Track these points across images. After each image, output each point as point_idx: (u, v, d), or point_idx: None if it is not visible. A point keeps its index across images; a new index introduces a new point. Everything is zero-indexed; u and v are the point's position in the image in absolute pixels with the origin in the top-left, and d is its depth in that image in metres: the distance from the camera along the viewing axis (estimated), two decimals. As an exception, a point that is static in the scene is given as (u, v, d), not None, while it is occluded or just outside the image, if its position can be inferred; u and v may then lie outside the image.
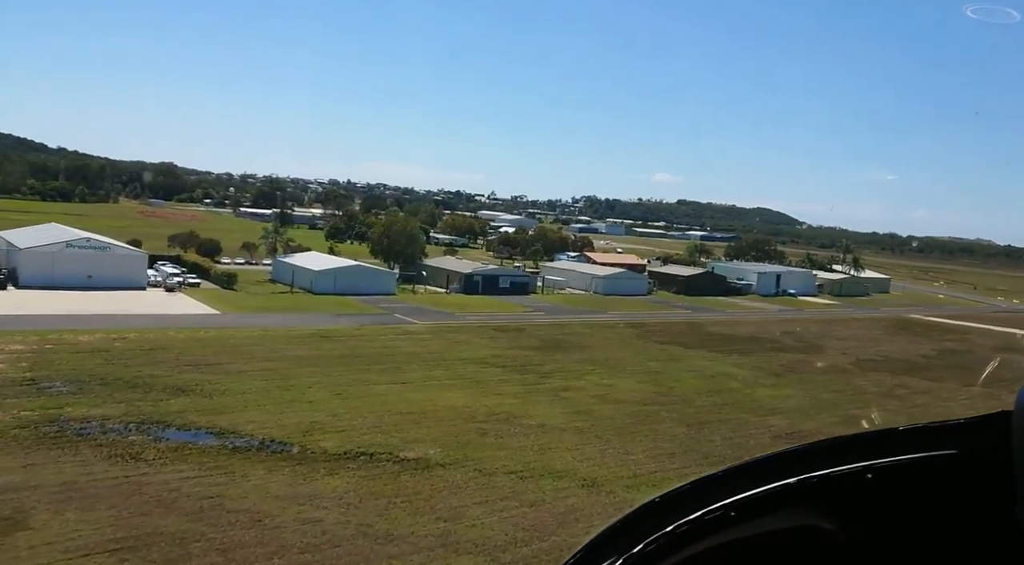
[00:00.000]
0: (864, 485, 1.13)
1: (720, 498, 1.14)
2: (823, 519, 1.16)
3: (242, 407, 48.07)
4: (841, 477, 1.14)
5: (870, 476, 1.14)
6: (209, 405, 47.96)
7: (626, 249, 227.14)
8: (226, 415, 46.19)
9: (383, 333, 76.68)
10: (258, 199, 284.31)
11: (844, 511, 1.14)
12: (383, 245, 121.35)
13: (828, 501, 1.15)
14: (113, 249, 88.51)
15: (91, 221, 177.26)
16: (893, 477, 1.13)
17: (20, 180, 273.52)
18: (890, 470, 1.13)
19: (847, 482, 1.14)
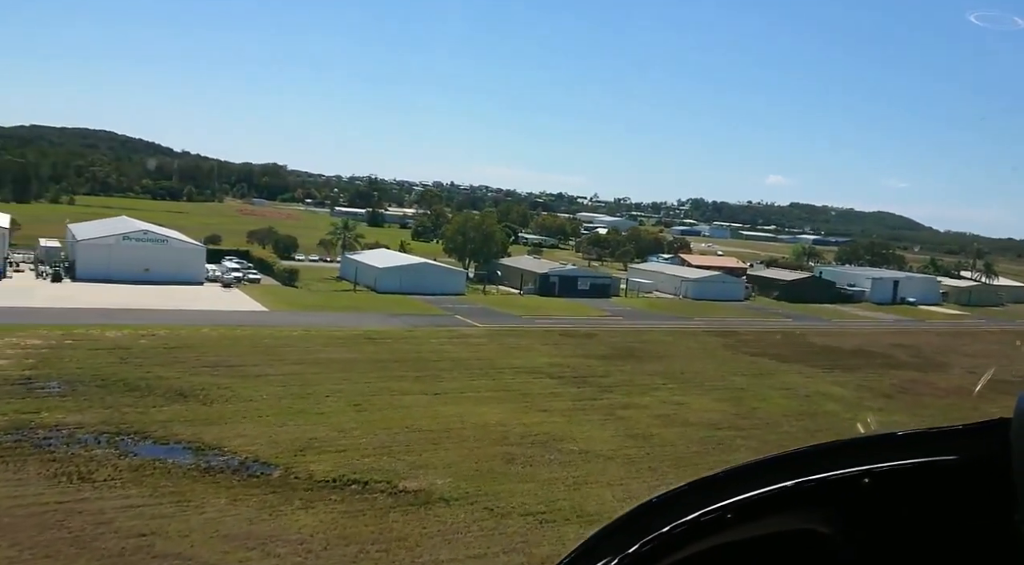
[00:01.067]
0: (862, 489, 1.12)
1: (717, 500, 1.14)
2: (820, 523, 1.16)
3: (239, 418, 42.24)
4: (839, 481, 1.13)
5: (868, 480, 1.13)
6: (203, 414, 42.38)
7: (728, 252, 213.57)
8: (216, 427, 40.42)
9: (434, 336, 70.08)
10: (355, 199, 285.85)
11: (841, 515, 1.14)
12: (457, 243, 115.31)
13: (825, 505, 1.14)
14: (170, 242, 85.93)
15: (187, 218, 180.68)
16: (891, 482, 1.13)
17: (136, 180, 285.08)
18: (888, 475, 1.13)
19: (845, 486, 1.13)
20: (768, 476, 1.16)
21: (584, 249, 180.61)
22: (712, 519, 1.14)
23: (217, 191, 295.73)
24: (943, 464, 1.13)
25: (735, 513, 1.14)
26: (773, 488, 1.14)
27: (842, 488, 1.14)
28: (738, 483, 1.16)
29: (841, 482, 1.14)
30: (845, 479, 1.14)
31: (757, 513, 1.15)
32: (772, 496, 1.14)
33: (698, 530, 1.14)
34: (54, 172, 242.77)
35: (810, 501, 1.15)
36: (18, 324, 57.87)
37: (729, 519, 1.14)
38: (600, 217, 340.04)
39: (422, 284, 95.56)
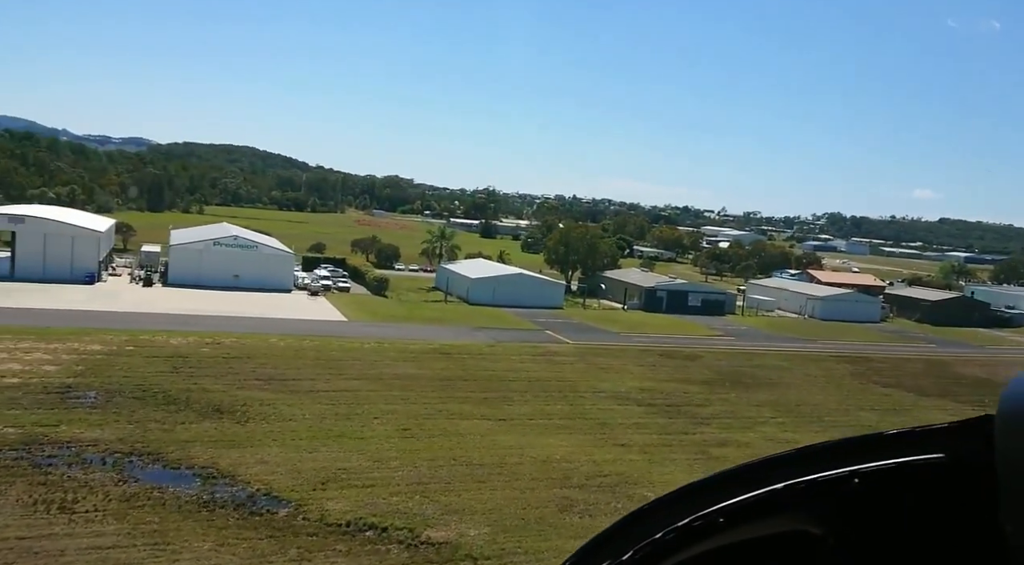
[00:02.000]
0: (851, 490, 1.14)
1: (708, 504, 1.15)
2: (811, 524, 1.17)
3: (269, 440, 37.74)
4: (828, 482, 1.15)
5: (857, 481, 1.14)
6: (232, 434, 38.19)
7: (865, 269, 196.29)
8: (239, 450, 36.02)
9: (516, 352, 64.14)
10: (471, 210, 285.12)
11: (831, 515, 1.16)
12: (559, 254, 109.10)
13: (815, 506, 1.16)
14: (260, 248, 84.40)
15: (304, 227, 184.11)
16: (880, 481, 1.14)
17: (266, 192, 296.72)
18: (876, 474, 1.14)
19: (834, 487, 1.15)
20: (759, 479, 1.16)
21: (702, 263, 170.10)
22: (704, 524, 1.14)
23: (340, 202, 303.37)
24: (930, 462, 1.14)
25: (727, 517, 1.14)
26: (763, 491, 1.15)
27: (831, 489, 1.14)
28: (729, 487, 1.17)
29: (830, 483, 1.14)
30: (834, 480, 1.14)
31: (748, 516, 1.15)
32: (763, 499, 1.15)
33: (691, 535, 1.14)
34: (191, 184, 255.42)
35: (800, 503, 1.15)
36: (88, 328, 56.48)
37: (721, 523, 1.14)
38: (726, 231, 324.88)
39: (517, 296, 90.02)
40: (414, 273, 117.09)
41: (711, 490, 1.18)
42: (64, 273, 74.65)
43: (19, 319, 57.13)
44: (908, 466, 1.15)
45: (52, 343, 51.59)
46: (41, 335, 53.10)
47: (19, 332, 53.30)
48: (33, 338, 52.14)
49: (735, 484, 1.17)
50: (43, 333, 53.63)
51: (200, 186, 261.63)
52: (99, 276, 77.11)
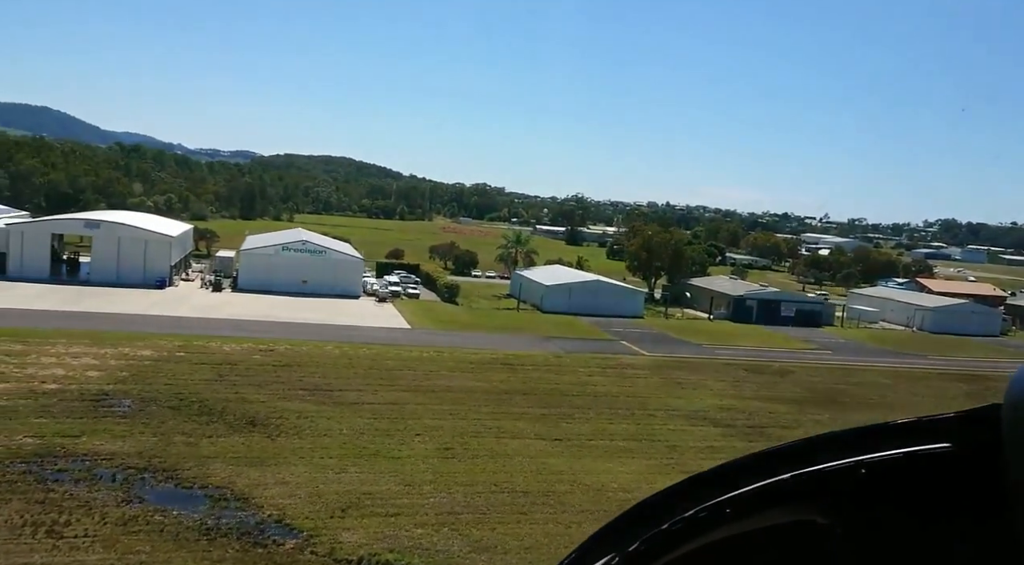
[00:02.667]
0: (858, 480, 1.14)
1: (715, 496, 1.15)
2: (818, 514, 1.17)
3: (296, 458, 34.69)
4: (834, 472, 1.15)
5: (864, 471, 1.14)
6: (259, 450, 35.34)
7: (983, 279, 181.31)
8: (262, 468, 33.06)
9: (585, 364, 59.60)
10: (558, 218, 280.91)
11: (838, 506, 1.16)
12: (641, 260, 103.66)
13: (822, 496, 1.16)
14: (328, 254, 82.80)
15: (387, 234, 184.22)
16: (886, 471, 1.15)
17: (356, 200, 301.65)
18: (883, 465, 1.15)
19: (840, 477, 1.15)
20: (765, 470, 1.15)
21: (800, 271, 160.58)
22: (710, 515, 1.13)
23: (428, 210, 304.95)
24: (937, 452, 1.14)
25: (733, 508, 1.13)
26: (770, 481, 1.14)
27: (838, 479, 1.14)
28: (735, 478, 1.16)
29: (837, 473, 1.14)
30: (841, 470, 1.14)
31: (755, 507, 1.14)
32: (769, 490, 1.14)
33: (697, 526, 1.13)
34: (285, 193, 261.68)
35: (807, 493, 1.15)
36: (145, 333, 55.41)
37: (727, 514, 1.13)
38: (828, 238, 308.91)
39: (593, 304, 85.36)
40: (490, 280, 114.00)
41: (718, 481, 1.16)
42: (137, 277, 74.84)
43: (80, 323, 56.69)
44: (915, 456, 1.14)
45: (104, 348, 50.52)
46: (96, 340, 52.20)
47: (75, 336, 52.58)
48: (87, 343, 51.25)
49: (742, 475, 1.16)
50: (98, 337, 52.74)
51: (293, 195, 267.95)
52: (170, 281, 77.03)
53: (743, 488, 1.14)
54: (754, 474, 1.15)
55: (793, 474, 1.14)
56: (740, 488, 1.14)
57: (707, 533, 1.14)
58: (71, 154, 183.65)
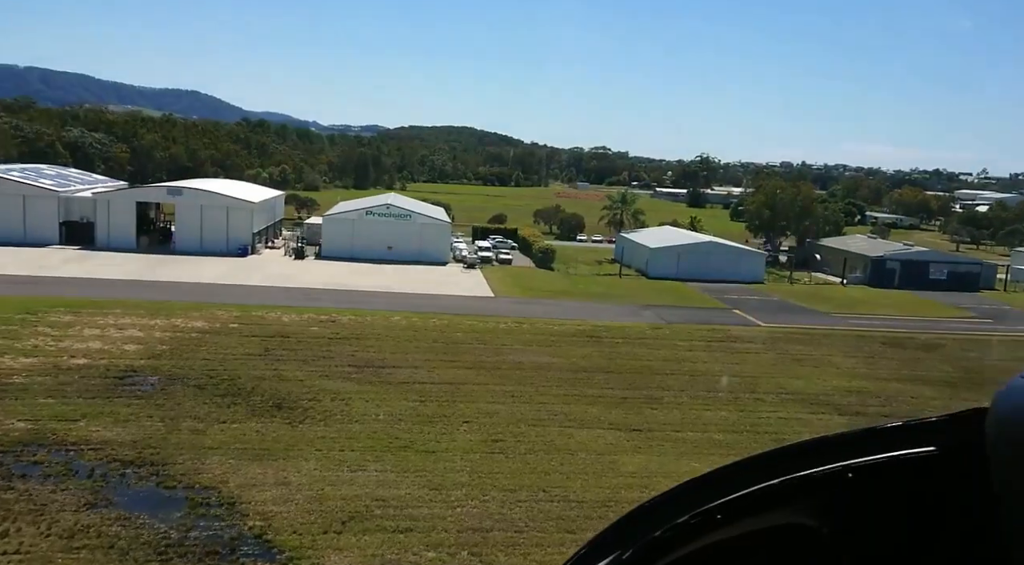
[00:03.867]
0: (845, 483, 1.16)
1: (706, 502, 1.16)
2: (807, 517, 1.19)
3: (312, 450, 29.23)
4: (823, 477, 1.16)
5: (851, 475, 1.16)
6: (272, 439, 30.16)
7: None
8: (265, 463, 27.79)
9: (686, 337, 51.50)
10: (681, 179, 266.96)
11: (826, 509, 1.18)
12: (763, 219, 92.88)
13: (811, 500, 1.18)
14: (414, 217, 77.60)
15: (497, 200, 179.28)
16: (874, 475, 1.16)
17: (473, 168, 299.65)
18: (870, 468, 1.16)
19: (829, 481, 1.16)
20: (755, 475, 1.17)
21: (953, 230, 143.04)
22: (702, 520, 1.14)
23: (545, 176, 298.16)
24: (922, 456, 1.15)
25: (724, 513, 1.15)
26: (760, 486, 1.15)
27: (827, 483, 1.16)
28: (727, 483, 1.17)
29: (825, 478, 1.16)
30: (829, 475, 1.16)
31: (746, 511, 1.16)
32: (760, 494, 1.15)
33: (689, 531, 1.14)
34: (401, 162, 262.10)
35: (796, 497, 1.16)
36: (206, 302, 51.98)
37: (719, 519, 1.15)
38: (986, 195, 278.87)
39: (706, 268, 76.29)
40: (596, 244, 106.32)
41: (708, 487, 1.17)
42: (220, 245, 72.44)
43: (144, 293, 53.97)
44: (901, 459, 1.15)
45: (156, 318, 47.22)
46: (152, 310, 49.07)
47: (132, 306, 49.67)
48: (141, 313, 48.15)
49: (731, 481, 1.17)
50: (155, 308, 49.61)
51: (409, 164, 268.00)
52: (253, 249, 74.26)
53: (733, 494, 1.15)
54: (743, 480, 1.16)
55: (782, 479, 1.15)
56: (730, 494, 1.15)
57: (699, 538, 1.14)
58: (192, 129, 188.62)
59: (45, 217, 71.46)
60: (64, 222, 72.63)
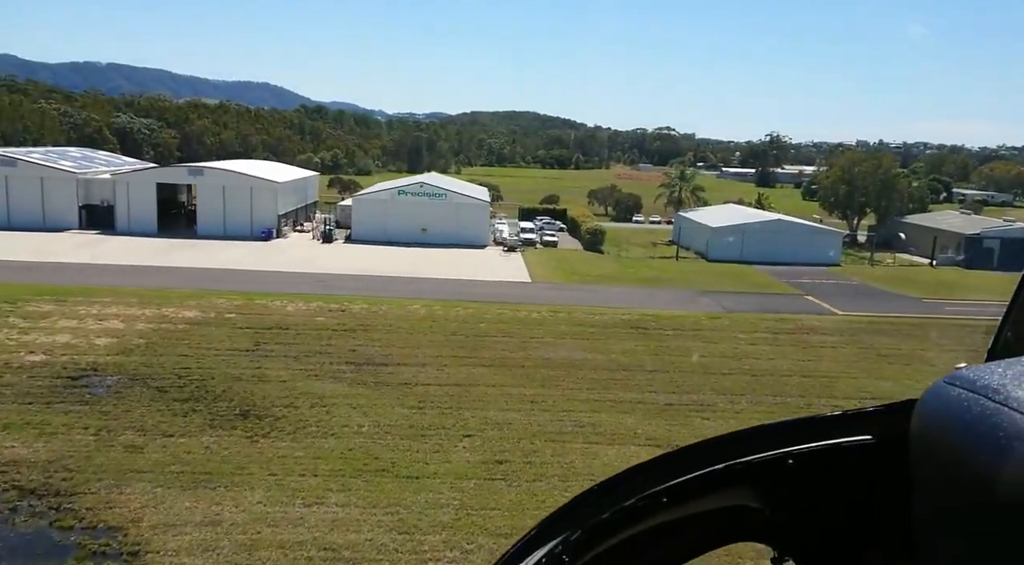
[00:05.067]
0: (786, 469, 1.21)
1: (652, 485, 1.20)
2: (750, 499, 1.24)
3: (265, 474, 23.39)
4: (764, 462, 1.21)
5: (791, 461, 1.21)
6: (223, 458, 24.44)
7: None
8: (199, 495, 22.01)
9: (749, 327, 44.11)
10: (749, 159, 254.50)
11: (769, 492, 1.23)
12: (839, 195, 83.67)
13: (753, 484, 1.23)
14: (450, 197, 71.42)
15: (554, 182, 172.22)
16: (812, 462, 1.22)
17: (532, 151, 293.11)
18: (809, 455, 1.22)
19: (770, 467, 1.21)
20: (700, 460, 1.21)
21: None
22: (648, 503, 1.18)
23: (606, 158, 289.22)
24: (859, 444, 1.21)
25: (670, 496, 1.18)
26: (705, 471, 1.19)
27: (768, 469, 1.21)
28: (672, 468, 1.20)
29: (767, 463, 1.20)
30: (770, 461, 1.20)
31: (690, 495, 1.20)
32: (704, 479, 1.19)
33: (635, 514, 1.18)
34: (458, 146, 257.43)
35: (739, 481, 1.21)
36: (208, 290, 47.07)
37: (664, 502, 1.18)
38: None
39: (773, 250, 68.23)
40: (654, 225, 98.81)
41: (655, 471, 1.21)
42: (243, 228, 67.86)
43: (147, 279, 49.37)
44: (839, 447, 1.21)
45: (146, 308, 42.35)
46: (145, 298, 44.28)
47: (125, 294, 44.98)
48: (131, 302, 43.38)
49: (677, 466, 1.21)
50: (150, 296, 44.83)
51: (467, 148, 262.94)
52: (279, 232, 69.42)
53: (678, 478, 1.18)
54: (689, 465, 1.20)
55: (726, 464, 1.19)
56: (675, 478, 1.18)
57: (645, 520, 1.18)
58: (245, 115, 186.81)
59: (63, 200, 68.00)
60: (84, 205, 69.10)
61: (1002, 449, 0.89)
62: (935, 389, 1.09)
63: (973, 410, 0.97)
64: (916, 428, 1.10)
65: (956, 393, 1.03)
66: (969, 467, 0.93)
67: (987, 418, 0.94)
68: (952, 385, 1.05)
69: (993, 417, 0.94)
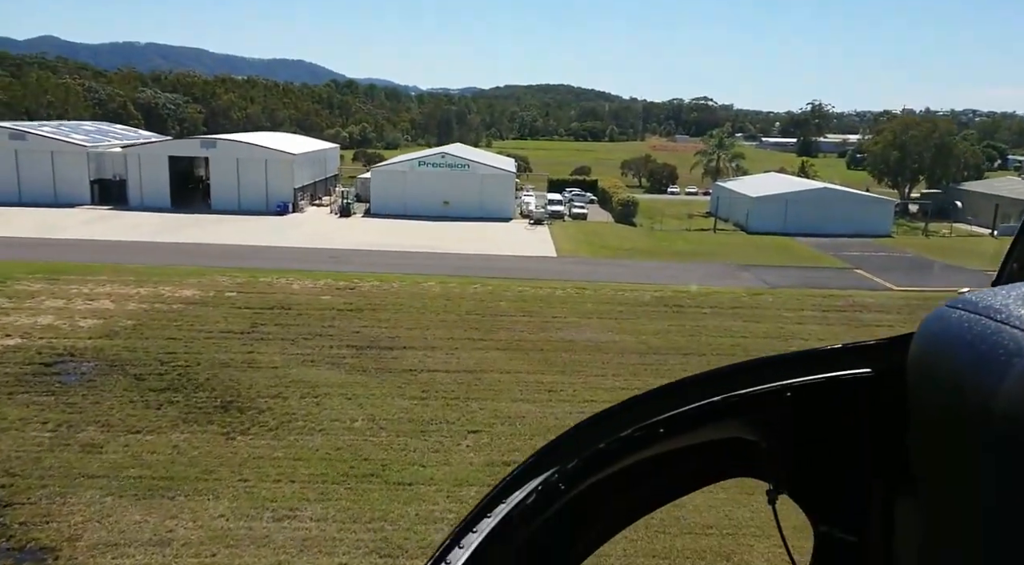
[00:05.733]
0: (784, 402, 1.21)
1: (649, 416, 1.20)
2: (746, 431, 1.24)
3: (235, 480, 20.31)
4: (762, 395, 1.21)
5: (789, 394, 1.21)
6: (188, 459, 21.39)
7: None
8: (155, 504, 18.98)
9: (796, 304, 40.06)
10: (789, 129, 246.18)
11: (765, 425, 1.23)
12: (890, 162, 78.18)
13: (750, 416, 1.23)
14: (473, 168, 67.70)
15: (585, 154, 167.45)
16: (811, 394, 1.21)
17: (565, 124, 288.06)
18: (808, 388, 1.21)
19: (768, 399, 1.21)
20: (697, 392, 1.21)
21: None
22: (644, 434, 1.18)
23: (641, 130, 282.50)
24: (858, 377, 1.20)
25: (667, 427, 1.18)
26: (702, 403, 1.20)
27: (765, 401, 1.20)
28: (669, 400, 1.21)
29: (764, 395, 1.20)
30: (768, 393, 1.20)
31: (687, 426, 1.19)
32: (701, 410, 1.19)
33: (631, 444, 1.18)
34: (490, 119, 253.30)
35: (736, 414, 1.21)
36: (213, 267, 44.30)
37: (661, 433, 1.19)
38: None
39: (819, 220, 63.62)
40: (690, 196, 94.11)
41: (652, 403, 1.21)
42: (258, 202, 65.08)
43: (150, 257, 46.75)
44: (837, 380, 1.20)
45: (141, 287, 39.64)
46: (143, 276, 41.62)
47: (123, 272, 42.40)
48: (128, 280, 40.75)
49: (675, 397, 1.21)
50: (148, 274, 42.16)
51: (498, 121, 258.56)
52: (295, 206, 66.49)
53: (676, 409, 1.18)
54: (687, 396, 1.19)
55: (723, 396, 1.19)
56: (673, 409, 1.18)
57: (641, 451, 1.18)
58: (272, 89, 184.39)
59: (75, 175, 65.75)
60: (96, 180, 66.79)
61: (1002, 366, 0.88)
62: (936, 313, 1.06)
63: (974, 330, 0.96)
64: (916, 351, 1.08)
65: (957, 315, 1.00)
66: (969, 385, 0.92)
67: (988, 337, 0.93)
68: (954, 308, 1.02)
69: (994, 336, 0.93)
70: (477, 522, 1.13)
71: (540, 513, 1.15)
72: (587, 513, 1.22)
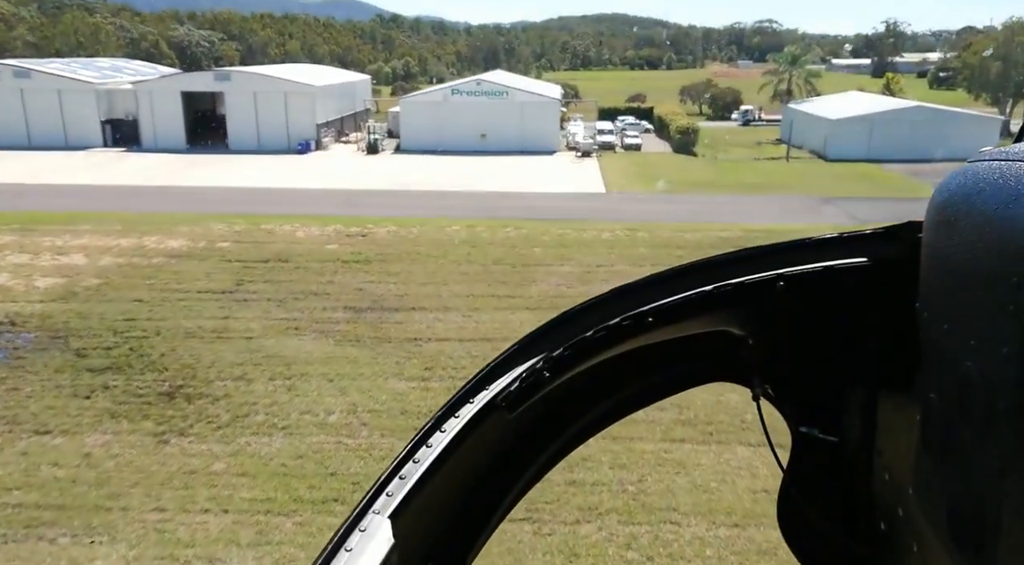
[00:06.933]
0: (776, 292, 1.17)
1: (638, 305, 1.16)
2: (735, 324, 1.21)
3: (148, 510, 14.85)
4: (754, 284, 1.17)
5: (781, 284, 1.18)
6: (97, 477, 16.07)
7: None
8: (22, 549, 13.60)
9: (896, 248, 32.67)
10: (862, 49, 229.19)
11: (756, 316, 1.19)
12: (989, 76, 68.15)
13: (741, 307, 1.19)
14: (512, 94, 60.51)
15: (643, 83, 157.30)
16: (804, 284, 1.18)
17: (620, 53, 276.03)
18: (801, 278, 1.18)
19: (759, 289, 1.17)
20: (687, 282, 1.18)
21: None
22: (632, 323, 1.15)
23: (701, 57, 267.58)
24: (854, 266, 1.17)
25: (656, 316, 1.16)
26: (693, 293, 1.17)
27: (757, 291, 1.17)
28: (659, 289, 1.18)
29: (756, 285, 1.17)
30: (760, 283, 1.17)
31: (676, 316, 1.17)
32: (691, 300, 1.16)
33: (619, 333, 1.15)
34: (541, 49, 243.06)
35: (727, 304, 1.18)
36: (213, 213, 39.07)
37: (650, 322, 1.16)
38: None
39: (910, 145, 55.12)
40: (752, 124, 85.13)
41: (641, 292, 1.18)
42: (279, 141, 59.54)
43: (147, 202, 41.75)
44: (831, 269, 1.17)
45: (123, 238, 34.59)
46: (130, 225, 36.57)
47: (107, 221, 37.42)
48: (111, 230, 35.76)
49: (665, 286, 1.17)
50: (135, 222, 37.09)
51: (549, 52, 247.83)
52: (319, 143, 60.71)
53: (666, 298, 1.15)
54: (677, 285, 1.16)
55: (716, 286, 1.16)
56: (664, 298, 1.15)
57: (628, 340, 1.15)
58: (312, 24, 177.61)
59: (84, 115, 60.97)
60: (107, 120, 61.97)
61: None
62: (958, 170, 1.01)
63: (1008, 172, 0.89)
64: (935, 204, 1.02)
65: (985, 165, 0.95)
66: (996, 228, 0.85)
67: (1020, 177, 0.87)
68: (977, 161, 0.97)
69: None
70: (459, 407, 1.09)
71: (523, 401, 1.10)
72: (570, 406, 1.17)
